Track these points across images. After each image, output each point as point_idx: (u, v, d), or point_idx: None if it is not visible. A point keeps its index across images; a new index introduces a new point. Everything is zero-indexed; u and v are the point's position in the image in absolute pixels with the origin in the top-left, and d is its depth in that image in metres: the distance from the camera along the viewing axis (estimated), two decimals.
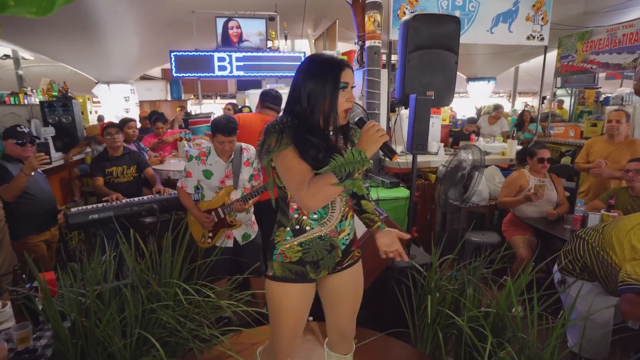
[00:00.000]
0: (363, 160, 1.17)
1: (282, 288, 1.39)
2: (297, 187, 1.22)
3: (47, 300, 1.57)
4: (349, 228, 1.44)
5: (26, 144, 2.65)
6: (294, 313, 1.42)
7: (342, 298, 1.51)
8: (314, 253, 1.38)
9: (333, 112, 1.26)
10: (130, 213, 2.64)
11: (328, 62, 1.27)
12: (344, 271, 1.48)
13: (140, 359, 1.82)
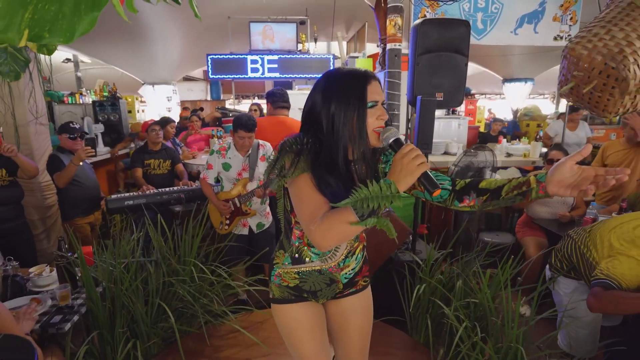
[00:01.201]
0: (392, 196, 0.95)
1: (285, 310, 1.31)
2: (308, 221, 1.04)
3: (84, 268, 1.89)
4: (354, 263, 1.32)
5: (76, 138, 3.05)
6: (306, 333, 1.31)
7: (347, 330, 1.38)
8: (312, 284, 1.28)
9: (363, 135, 1.07)
10: (160, 201, 2.97)
11: (349, 77, 1.09)
12: (347, 298, 1.36)
13: (159, 324, 2.10)
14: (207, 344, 2.25)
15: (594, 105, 0.92)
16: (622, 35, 0.83)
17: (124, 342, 1.89)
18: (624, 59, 0.81)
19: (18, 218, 2.67)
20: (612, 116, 0.92)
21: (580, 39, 0.91)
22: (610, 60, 0.82)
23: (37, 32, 0.76)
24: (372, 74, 1.10)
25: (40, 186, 3.22)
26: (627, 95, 0.83)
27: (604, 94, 0.87)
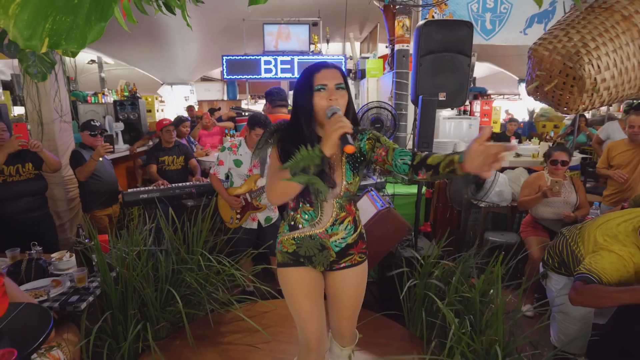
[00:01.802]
0: (316, 156, 1.16)
1: (285, 273, 1.50)
2: (267, 183, 1.33)
3: (99, 254, 2.04)
4: (344, 232, 1.46)
5: (97, 135, 3.24)
6: (303, 294, 1.48)
7: (340, 298, 1.54)
8: (306, 249, 1.46)
9: (311, 115, 1.32)
10: (172, 195, 3.12)
11: (305, 70, 1.35)
12: (342, 271, 1.51)
13: (167, 308, 2.25)
14: (212, 329, 2.38)
15: (557, 103, 0.99)
16: (579, 37, 0.90)
17: (135, 324, 2.03)
18: (580, 59, 0.88)
19: (42, 209, 2.87)
20: (573, 113, 0.99)
21: (543, 41, 0.98)
22: (568, 60, 0.89)
23: (56, 40, 0.89)
24: (325, 64, 1.34)
25: (63, 180, 3.43)
26: (585, 93, 0.90)
27: (565, 92, 0.95)
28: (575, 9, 0.94)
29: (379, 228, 2.62)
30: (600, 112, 11.19)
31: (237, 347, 2.29)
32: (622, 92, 0.92)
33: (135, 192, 3.06)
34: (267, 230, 2.96)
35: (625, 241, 1.57)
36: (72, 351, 1.73)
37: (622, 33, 0.86)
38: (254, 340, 2.33)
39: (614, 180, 3.18)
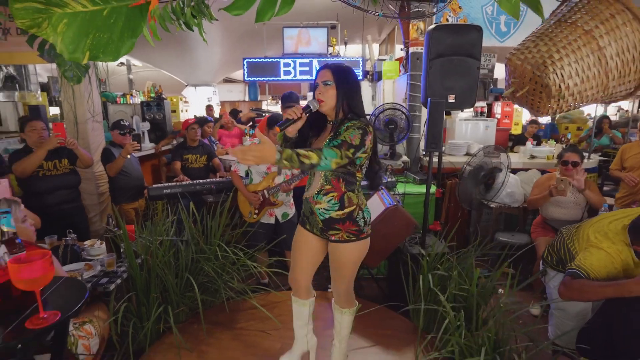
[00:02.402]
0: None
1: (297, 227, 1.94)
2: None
3: (126, 242, 2.25)
4: (327, 204, 1.71)
5: (126, 134, 3.48)
6: (296, 246, 1.91)
7: (332, 266, 1.84)
8: (304, 210, 1.85)
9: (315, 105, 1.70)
10: (194, 190, 3.33)
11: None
12: (334, 244, 1.76)
13: (187, 294, 2.43)
14: (228, 315, 2.56)
15: (530, 106, 1.10)
16: (546, 49, 1.00)
17: (157, 306, 2.23)
18: (546, 68, 0.98)
19: (75, 201, 3.13)
20: (544, 115, 1.09)
21: (516, 51, 1.09)
22: (537, 69, 1.00)
23: (95, 53, 1.07)
24: (322, 66, 1.69)
25: (94, 175, 3.69)
26: (552, 99, 1.00)
27: (535, 97, 1.05)
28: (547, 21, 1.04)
29: (386, 225, 2.74)
30: (627, 114, 10.85)
31: (250, 332, 2.45)
32: (587, 97, 1.01)
33: (159, 187, 3.28)
34: (284, 225, 3.11)
35: (614, 239, 1.63)
36: (101, 327, 1.93)
37: (583, 45, 0.95)
38: (265, 327, 2.48)
39: (626, 183, 3.18)
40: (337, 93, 1.64)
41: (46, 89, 7.41)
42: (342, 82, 1.65)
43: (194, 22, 1.18)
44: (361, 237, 1.75)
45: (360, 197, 1.77)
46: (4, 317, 1.13)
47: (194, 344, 2.31)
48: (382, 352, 2.26)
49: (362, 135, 1.60)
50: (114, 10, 1.03)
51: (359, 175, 1.75)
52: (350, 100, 1.67)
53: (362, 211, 1.75)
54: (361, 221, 1.75)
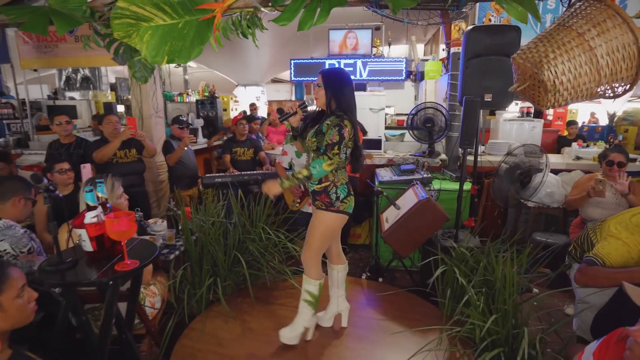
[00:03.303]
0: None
1: None
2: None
3: (184, 221, 2.59)
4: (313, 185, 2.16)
5: (184, 128, 3.89)
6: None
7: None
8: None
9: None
10: (241, 180, 3.65)
11: None
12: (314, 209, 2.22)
13: (233, 269, 2.74)
14: (267, 292, 2.83)
15: (532, 100, 1.24)
16: (543, 49, 1.14)
17: (208, 277, 2.55)
18: (542, 66, 1.12)
19: (141, 185, 3.56)
20: (544, 109, 1.22)
21: (521, 51, 1.24)
22: (534, 67, 1.14)
23: (171, 57, 1.35)
24: (319, 71, 2.11)
25: (156, 165, 4.14)
26: (549, 93, 1.14)
27: (535, 92, 1.19)
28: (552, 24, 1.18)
29: (418, 217, 2.88)
30: None
31: (287, 307, 2.71)
32: (582, 91, 1.13)
33: (212, 176, 3.65)
34: None
35: (634, 230, 1.68)
36: (162, 289, 2.27)
37: (576, 46, 1.07)
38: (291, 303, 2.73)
39: None
40: (325, 93, 2.06)
41: (114, 89, 8.21)
42: (329, 84, 2.07)
43: (249, 31, 1.44)
44: (330, 209, 2.11)
45: (337, 176, 2.12)
46: (99, 262, 1.45)
47: (237, 314, 2.60)
48: (409, 333, 2.42)
49: (338, 131, 1.98)
50: (187, 23, 1.30)
51: (337, 159, 2.07)
52: (336, 99, 2.06)
53: (337, 188, 2.11)
54: (333, 195, 2.10)
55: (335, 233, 2.28)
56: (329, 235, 2.20)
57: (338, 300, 2.46)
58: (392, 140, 4.76)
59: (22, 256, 1.77)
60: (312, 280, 2.25)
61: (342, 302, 2.46)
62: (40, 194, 1.68)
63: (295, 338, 2.29)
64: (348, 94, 2.12)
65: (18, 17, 1.40)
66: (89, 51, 5.08)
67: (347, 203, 2.15)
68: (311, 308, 2.28)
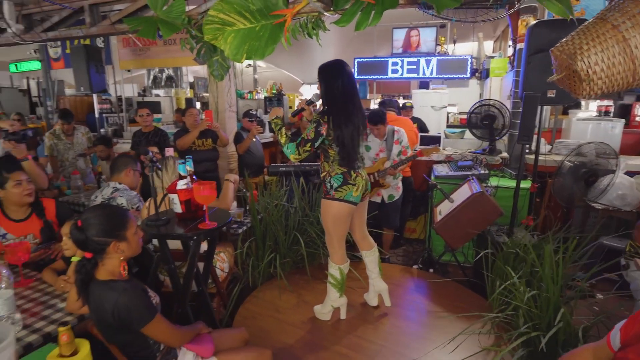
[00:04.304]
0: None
1: None
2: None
3: (252, 202, 2.93)
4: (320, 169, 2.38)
5: (253, 121, 4.28)
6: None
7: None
8: None
9: None
10: (303, 170, 3.94)
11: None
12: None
13: (292, 247, 3.03)
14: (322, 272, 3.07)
15: (569, 89, 1.32)
16: (578, 41, 1.21)
17: (269, 252, 2.86)
18: (575, 57, 1.20)
19: (214, 172, 4.00)
20: (580, 98, 1.29)
21: (559, 44, 1.32)
22: (569, 58, 1.22)
23: (249, 55, 1.64)
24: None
25: (227, 154, 4.60)
26: (584, 82, 1.22)
27: (571, 82, 1.27)
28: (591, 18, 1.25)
29: (470, 209, 2.95)
30: None
31: None
32: (617, 81, 1.18)
33: (276, 165, 3.99)
34: (388, 205, 3.49)
35: None
36: (230, 258, 2.61)
37: (610, 38, 1.14)
38: (353, 285, 2.93)
39: None
40: (320, 87, 2.23)
41: (192, 87, 9.04)
42: (322, 81, 2.19)
43: (313, 32, 1.69)
44: (326, 197, 2.28)
45: (332, 167, 2.25)
46: (186, 221, 1.80)
47: (294, 288, 2.89)
48: (453, 317, 2.52)
49: (315, 128, 2.14)
50: (263, 27, 1.57)
51: (331, 152, 2.24)
52: (323, 94, 2.21)
53: (331, 177, 2.25)
54: (328, 184, 2.27)
55: (344, 219, 2.30)
56: (338, 222, 2.29)
57: (374, 281, 2.63)
58: (452, 137, 4.77)
59: (132, 211, 2.27)
60: (333, 264, 2.42)
61: (378, 282, 2.62)
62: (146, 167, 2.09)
63: (326, 315, 2.50)
64: (336, 89, 2.13)
65: (136, 26, 1.78)
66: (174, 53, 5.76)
67: (344, 192, 2.22)
68: (336, 290, 2.44)
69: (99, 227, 1.34)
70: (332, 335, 2.36)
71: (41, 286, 1.84)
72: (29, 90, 7.63)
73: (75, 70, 4.98)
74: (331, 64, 2.20)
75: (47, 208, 2.29)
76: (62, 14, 2.42)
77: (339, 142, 2.17)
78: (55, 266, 1.97)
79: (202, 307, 2.14)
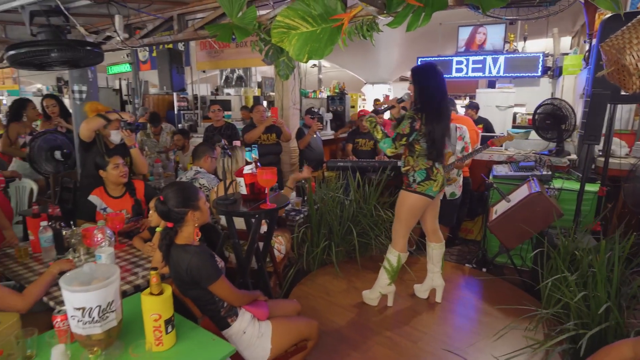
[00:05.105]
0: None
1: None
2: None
3: (309, 192, 3.14)
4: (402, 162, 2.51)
5: (314, 118, 4.52)
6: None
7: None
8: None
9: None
10: (360, 166, 4.08)
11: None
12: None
13: (346, 237, 3.20)
14: (374, 263, 3.21)
15: (619, 83, 1.32)
16: (628, 36, 1.21)
17: (324, 240, 3.05)
18: (624, 51, 1.21)
19: (277, 164, 4.30)
20: (631, 92, 1.28)
21: (608, 39, 1.32)
22: (618, 52, 1.23)
23: (310, 55, 1.83)
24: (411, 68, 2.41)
25: (289, 149, 4.88)
26: (633, 76, 1.22)
27: (621, 75, 1.27)
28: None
29: (527, 209, 2.89)
30: None
31: None
32: None
33: (335, 161, 4.19)
34: (448, 202, 3.49)
35: None
36: (287, 242, 2.85)
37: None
38: (403, 276, 3.03)
39: None
40: (414, 89, 2.36)
41: (260, 86, 9.59)
42: (417, 82, 2.33)
43: (368, 34, 1.84)
44: (408, 190, 2.42)
45: (417, 162, 2.37)
46: (249, 202, 2.05)
47: (345, 275, 3.06)
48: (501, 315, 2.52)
49: (410, 124, 2.26)
50: (323, 30, 1.75)
51: (418, 147, 2.36)
52: (418, 94, 2.33)
53: (415, 172, 2.38)
54: (410, 178, 2.40)
55: (418, 211, 2.49)
56: (413, 213, 2.46)
57: (433, 276, 2.70)
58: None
59: (211, 192, 2.62)
60: (394, 251, 2.53)
61: (437, 278, 2.69)
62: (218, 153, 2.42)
63: (374, 300, 2.63)
64: (431, 89, 2.32)
65: (214, 31, 2.07)
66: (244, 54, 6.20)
67: (425, 186, 2.38)
68: (388, 277, 2.56)
69: (177, 199, 1.62)
70: (377, 318, 2.49)
71: (132, 250, 2.21)
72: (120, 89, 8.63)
73: (159, 71, 5.61)
74: (425, 67, 2.44)
75: (138, 189, 2.69)
76: (155, 22, 2.83)
77: (430, 138, 2.33)
78: (142, 235, 2.33)
79: (260, 283, 2.39)
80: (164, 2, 2.63)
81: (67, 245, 2.08)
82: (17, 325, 1.32)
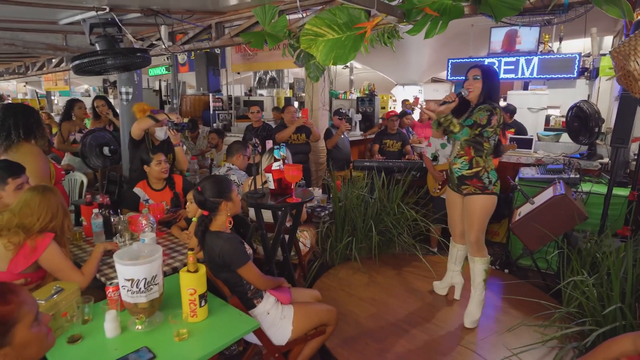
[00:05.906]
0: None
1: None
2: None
3: (334, 190, 3.29)
4: (460, 165, 2.33)
5: (342, 119, 4.66)
6: (448, 203, 2.59)
7: (465, 214, 2.41)
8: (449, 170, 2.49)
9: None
10: (386, 166, 4.18)
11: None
12: (465, 197, 2.36)
13: (368, 233, 3.31)
14: (396, 261, 3.31)
15: (627, 88, 1.37)
16: (634, 43, 1.27)
17: (347, 236, 3.18)
18: (629, 57, 1.27)
19: (306, 163, 4.47)
20: (638, 96, 1.33)
21: (617, 47, 1.38)
22: (624, 59, 1.30)
23: (335, 60, 1.98)
24: (474, 65, 2.29)
25: (318, 148, 5.05)
26: (639, 82, 1.27)
27: (628, 80, 1.33)
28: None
29: (551, 211, 2.90)
30: None
31: (410, 274, 3.14)
32: None
33: (361, 161, 4.32)
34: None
35: None
36: (312, 237, 3.01)
37: None
38: (422, 273, 3.12)
39: None
40: (482, 86, 2.25)
41: (292, 88, 9.83)
42: (487, 79, 2.25)
43: (389, 41, 1.97)
44: (486, 192, 2.30)
45: (487, 162, 2.29)
46: (277, 196, 2.23)
47: (366, 270, 3.17)
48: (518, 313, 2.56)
49: (488, 116, 2.16)
50: (348, 37, 1.89)
51: (486, 145, 2.27)
52: (492, 92, 2.26)
53: (488, 173, 2.29)
54: (486, 180, 2.28)
55: (491, 213, 2.40)
56: (488, 215, 2.38)
57: (453, 274, 2.77)
58: (545, 140, 4.55)
59: (241, 186, 2.83)
60: (486, 259, 2.43)
61: (456, 276, 2.76)
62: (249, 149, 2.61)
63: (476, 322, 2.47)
64: (498, 89, 2.34)
65: (248, 39, 2.26)
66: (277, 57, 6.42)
67: (498, 186, 2.37)
68: (484, 284, 2.46)
69: (212, 190, 1.81)
70: (394, 311, 2.60)
71: (170, 237, 2.44)
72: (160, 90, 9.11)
73: (197, 73, 5.93)
74: (492, 66, 2.53)
75: (177, 183, 2.93)
76: (195, 30, 3.07)
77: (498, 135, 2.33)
78: (179, 225, 2.56)
79: (285, 272, 2.56)
80: (204, 12, 2.86)
81: (115, 231, 2.33)
82: (77, 293, 1.54)
